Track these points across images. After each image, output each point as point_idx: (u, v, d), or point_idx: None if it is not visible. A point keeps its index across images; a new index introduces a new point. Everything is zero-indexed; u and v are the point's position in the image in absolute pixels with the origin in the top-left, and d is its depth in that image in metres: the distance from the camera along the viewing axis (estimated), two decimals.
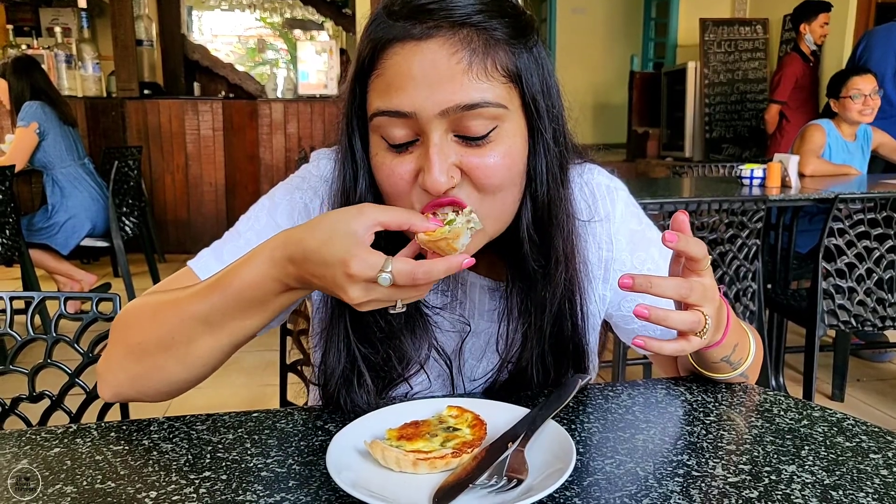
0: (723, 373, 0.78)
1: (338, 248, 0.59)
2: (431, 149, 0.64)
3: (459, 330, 0.82)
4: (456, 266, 0.60)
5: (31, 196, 4.39)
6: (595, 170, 0.85)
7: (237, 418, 0.72)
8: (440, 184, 0.63)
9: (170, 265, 4.73)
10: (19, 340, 1.02)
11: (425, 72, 0.63)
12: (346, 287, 0.59)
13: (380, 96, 0.65)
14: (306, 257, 0.61)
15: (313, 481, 0.59)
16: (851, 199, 2.17)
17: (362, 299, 0.60)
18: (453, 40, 0.63)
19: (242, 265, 0.66)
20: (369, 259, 0.58)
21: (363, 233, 0.59)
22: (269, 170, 5.09)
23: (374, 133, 0.68)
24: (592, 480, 0.59)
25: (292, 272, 0.63)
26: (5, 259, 3.00)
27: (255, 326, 0.68)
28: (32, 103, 3.32)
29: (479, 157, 0.65)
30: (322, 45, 5.56)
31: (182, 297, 0.69)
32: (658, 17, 6.53)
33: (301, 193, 0.81)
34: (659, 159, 5.95)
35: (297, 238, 0.62)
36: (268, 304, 0.66)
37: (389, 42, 0.64)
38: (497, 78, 0.64)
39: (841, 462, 0.62)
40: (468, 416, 0.67)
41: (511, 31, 0.66)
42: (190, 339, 0.68)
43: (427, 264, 0.59)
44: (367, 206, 0.62)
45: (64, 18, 5.93)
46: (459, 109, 0.63)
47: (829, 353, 2.73)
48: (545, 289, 0.74)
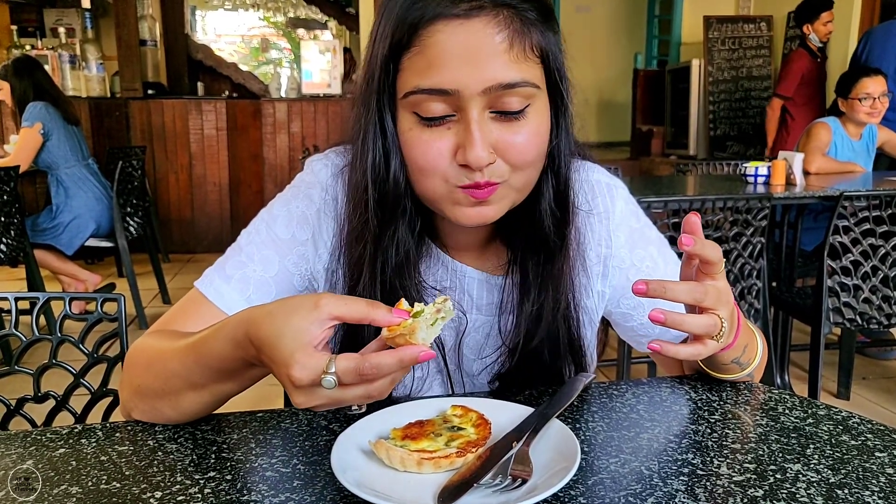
0: (731, 373, 0.78)
1: (284, 348, 0.55)
2: (472, 125, 0.65)
3: (456, 325, 0.82)
4: (410, 358, 0.54)
5: (36, 196, 4.40)
6: (595, 168, 0.85)
7: (241, 418, 0.72)
8: (482, 159, 0.65)
9: (174, 265, 4.74)
10: (24, 341, 1.03)
11: (470, 50, 0.64)
12: (290, 391, 0.56)
13: (419, 74, 0.65)
14: (260, 346, 0.58)
15: (318, 481, 0.59)
16: (856, 197, 2.16)
17: (308, 404, 0.56)
18: (497, 21, 0.64)
19: (212, 336, 0.65)
20: (310, 363, 0.54)
21: (317, 329, 0.56)
22: (273, 169, 5.09)
23: (406, 109, 0.68)
24: (597, 479, 0.59)
25: (253, 353, 0.60)
26: (10, 259, 3.01)
27: (235, 390, 0.68)
28: (36, 104, 3.33)
29: (513, 134, 0.67)
30: (325, 44, 5.56)
31: (169, 354, 0.70)
32: (662, 15, 6.52)
33: (297, 202, 0.81)
34: (663, 157, 5.94)
35: (257, 321, 0.59)
36: (238, 375, 0.66)
37: (430, 20, 0.64)
38: (532, 58, 0.67)
39: (846, 460, 0.61)
40: (472, 416, 0.67)
41: (541, 14, 0.68)
42: (177, 393, 0.68)
43: (375, 357, 0.54)
44: (325, 297, 0.57)
45: (68, 19, 5.95)
46: (500, 88, 0.65)
47: (834, 350, 2.72)
48: (550, 269, 0.76)
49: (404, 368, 0.55)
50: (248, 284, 0.79)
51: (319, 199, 0.80)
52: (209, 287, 0.79)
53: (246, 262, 0.79)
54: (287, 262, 0.80)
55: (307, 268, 0.81)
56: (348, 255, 0.77)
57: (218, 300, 0.78)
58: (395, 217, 0.73)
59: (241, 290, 0.78)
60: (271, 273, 0.79)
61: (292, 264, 0.80)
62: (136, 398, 0.72)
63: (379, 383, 0.55)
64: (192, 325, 0.78)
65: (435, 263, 0.81)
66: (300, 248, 0.80)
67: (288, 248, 0.80)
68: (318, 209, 0.80)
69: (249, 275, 0.79)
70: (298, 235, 0.80)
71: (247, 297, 0.78)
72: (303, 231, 0.80)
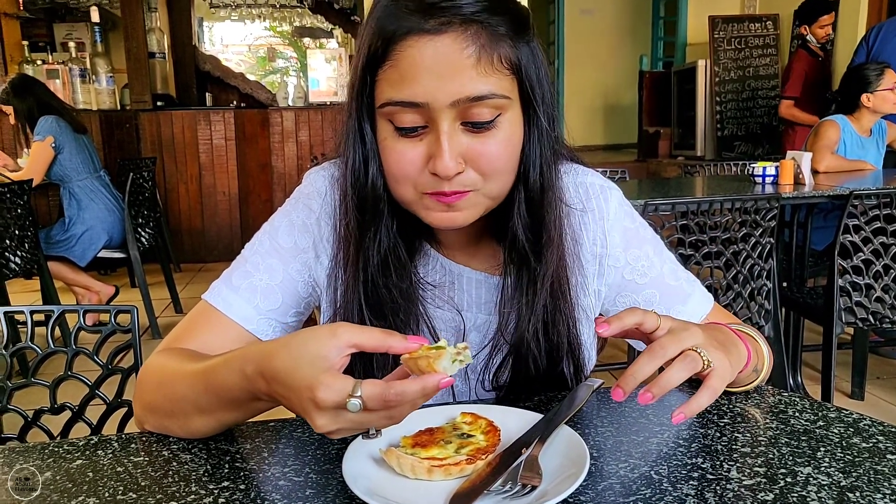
0: (751, 382, 0.78)
1: (305, 373, 0.56)
2: (442, 136, 0.68)
3: (456, 326, 0.84)
4: (432, 387, 0.55)
5: (49, 209, 4.45)
6: (588, 171, 0.87)
7: (254, 428, 0.73)
8: (449, 168, 0.68)
9: (185, 274, 4.77)
10: (40, 353, 1.04)
11: (438, 65, 0.66)
12: (313, 414, 0.56)
13: (392, 87, 0.68)
14: (275, 377, 0.58)
15: (330, 489, 0.60)
16: (866, 195, 2.14)
17: (330, 427, 0.56)
18: (465, 36, 0.66)
19: (221, 366, 0.65)
20: (336, 385, 0.54)
21: (335, 356, 0.56)
22: (282, 178, 5.12)
23: (383, 118, 0.71)
24: (607, 485, 0.59)
25: (262, 387, 0.61)
26: (25, 272, 3.04)
27: (239, 419, 0.69)
28: (47, 118, 3.37)
29: (483, 144, 0.69)
30: (331, 52, 5.59)
31: (179, 377, 0.71)
32: (667, 16, 6.51)
33: (298, 213, 0.84)
34: (670, 158, 5.92)
35: (270, 354, 0.60)
36: (243, 406, 0.66)
37: (403, 35, 0.67)
38: (501, 71, 0.68)
39: (857, 463, 0.61)
40: (482, 423, 0.67)
41: (512, 27, 0.69)
42: (186, 416, 0.70)
43: (399, 384, 0.54)
44: (342, 326, 0.58)
45: (78, 33, 6.02)
46: (468, 100, 0.67)
47: (847, 350, 2.70)
48: (538, 269, 0.77)
49: (426, 395, 0.55)
50: (255, 293, 0.81)
51: (318, 208, 0.83)
52: (217, 298, 0.81)
53: (252, 272, 0.82)
54: (291, 269, 0.82)
55: (310, 274, 0.83)
56: (339, 259, 0.80)
57: (227, 310, 0.80)
58: (375, 219, 0.76)
59: (249, 299, 0.80)
60: (276, 281, 0.82)
61: (296, 271, 0.83)
62: (148, 414, 0.74)
63: (400, 409, 0.56)
64: (205, 337, 0.79)
65: (432, 263, 0.83)
66: (302, 255, 0.83)
67: (291, 256, 0.82)
68: (318, 217, 0.83)
69: (256, 283, 0.81)
70: (300, 243, 0.83)
71: (255, 305, 0.80)
72: (304, 239, 0.83)
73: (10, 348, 1.03)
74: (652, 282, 0.86)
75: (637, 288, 0.87)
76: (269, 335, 0.82)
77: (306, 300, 0.85)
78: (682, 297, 0.87)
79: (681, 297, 0.87)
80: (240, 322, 0.80)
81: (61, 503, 0.58)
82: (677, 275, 0.88)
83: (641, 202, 1.97)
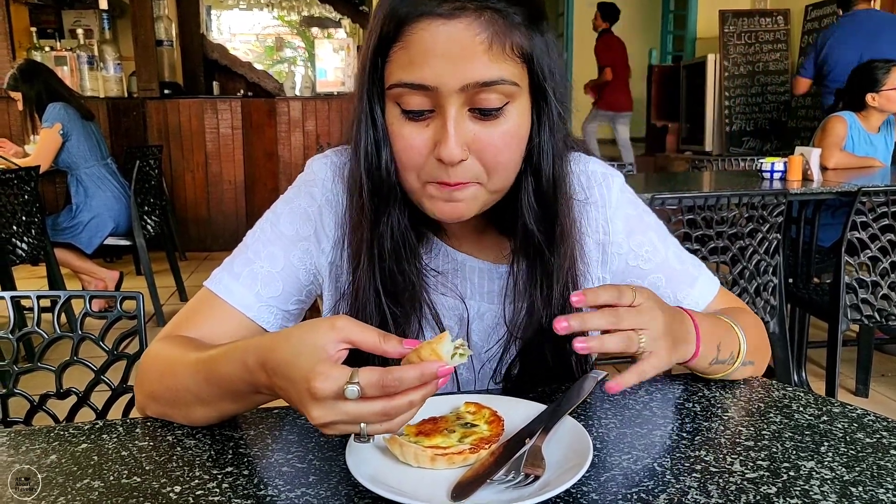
0: (724, 371, 0.78)
1: (303, 363, 0.56)
2: (449, 122, 0.68)
3: (459, 314, 0.84)
4: (430, 373, 0.54)
5: (56, 196, 4.47)
6: (591, 160, 0.87)
7: (258, 415, 0.73)
8: (455, 154, 0.68)
9: (190, 263, 4.79)
10: (46, 338, 1.05)
11: (450, 49, 0.66)
12: (309, 405, 0.55)
13: (402, 68, 0.68)
14: (275, 369, 0.59)
15: (333, 476, 0.60)
16: (875, 192, 2.13)
17: (325, 419, 0.55)
18: (478, 21, 0.66)
19: (222, 357, 0.66)
20: (332, 374, 0.54)
21: (332, 348, 0.56)
22: (288, 167, 5.12)
23: (391, 101, 0.71)
24: (609, 476, 0.59)
25: (262, 380, 0.61)
26: (32, 258, 3.06)
27: (239, 410, 0.70)
28: (56, 105, 3.38)
29: (489, 134, 0.69)
30: (339, 42, 5.58)
31: (180, 367, 0.71)
32: (677, 10, 6.46)
33: (299, 200, 0.84)
34: (678, 153, 5.90)
35: (271, 346, 0.60)
36: (244, 398, 0.67)
37: (416, 17, 0.67)
38: (513, 58, 0.68)
39: (861, 458, 0.61)
40: (486, 413, 0.67)
41: (527, 17, 0.69)
42: (187, 405, 0.70)
43: (398, 370, 0.54)
44: (342, 319, 0.58)
45: (86, 20, 6.01)
46: (478, 86, 0.67)
47: (852, 347, 2.69)
48: (553, 261, 0.77)
49: (424, 385, 0.55)
50: (256, 280, 0.81)
51: (320, 196, 0.83)
52: (219, 285, 0.81)
53: (253, 259, 0.82)
54: (292, 257, 0.82)
55: (311, 262, 0.83)
56: (349, 243, 0.79)
57: (229, 297, 0.80)
58: (388, 203, 0.75)
59: (250, 286, 0.81)
60: (277, 268, 0.82)
61: (297, 259, 0.83)
62: (149, 402, 0.74)
63: (398, 401, 0.54)
64: (206, 324, 0.79)
65: (436, 251, 0.83)
66: (304, 243, 0.83)
67: (292, 244, 0.82)
68: (320, 206, 0.83)
69: (257, 271, 0.81)
70: (301, 231, 0.83)
71: (256, 292, 0.81)
72: (305, 227, 0.83)
73: (16, 333, 1.04)
74: (657, 267, 0.86)
75: (642, 273, 0.87)
76: (269, 322, 0.82)
77: (308, 288, 0.85)
78: (690, 280, 0.87)
79: (688, 280, 0.87)
80: (241, 309, 0.80)
81: (66, 485, 0.59)
82: (682, 258, 0.88)
83: (648, 196, 1.96)
